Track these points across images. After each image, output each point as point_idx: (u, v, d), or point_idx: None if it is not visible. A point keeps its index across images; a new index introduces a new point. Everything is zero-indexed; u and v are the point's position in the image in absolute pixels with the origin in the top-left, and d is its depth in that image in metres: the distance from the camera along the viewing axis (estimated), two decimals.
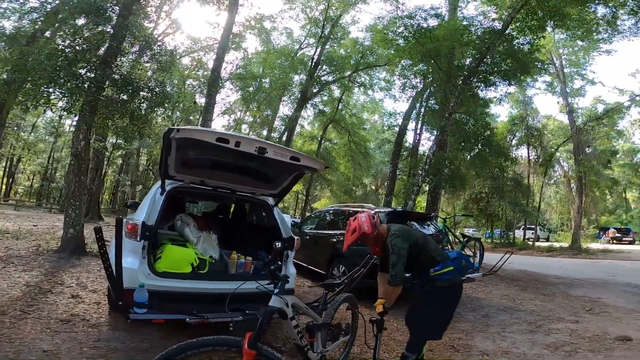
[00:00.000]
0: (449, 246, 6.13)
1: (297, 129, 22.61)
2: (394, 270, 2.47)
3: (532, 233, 24.93)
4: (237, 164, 3.50)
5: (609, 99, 25.06)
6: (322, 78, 20.00)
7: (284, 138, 19.66)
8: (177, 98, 14.00)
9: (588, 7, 9.44)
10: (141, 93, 7.19)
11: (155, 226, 3.02)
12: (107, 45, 6.94)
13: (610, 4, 9.42)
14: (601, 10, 9.96)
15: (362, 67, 18.79)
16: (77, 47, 6.74)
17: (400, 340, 3.49)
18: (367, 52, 18.16)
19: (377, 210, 5.93)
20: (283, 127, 21.33)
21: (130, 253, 2.82)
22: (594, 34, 11.04)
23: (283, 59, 19.31)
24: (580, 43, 17.59)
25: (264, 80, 19.43)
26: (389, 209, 5.91)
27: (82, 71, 6.70)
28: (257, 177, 3.74)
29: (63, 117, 24.29)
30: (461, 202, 23.53)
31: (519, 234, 25.35)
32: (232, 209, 5.82)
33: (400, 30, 11.14)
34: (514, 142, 23.96)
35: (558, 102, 23.52)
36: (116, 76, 6.87)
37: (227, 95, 20.10)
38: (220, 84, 13.60)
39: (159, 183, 3.39)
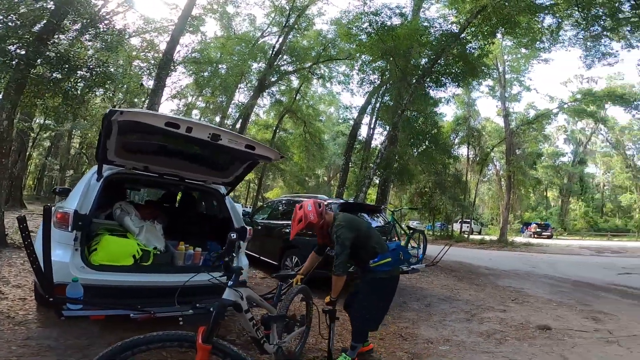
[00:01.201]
0: (397, 237, 6.41)
1: (252, 117, 22.05)
2: (337, 260, 2.53)
3: (467, 226, 27.23)
4: (187, 150, 3.27)
5: (540, 105, 28.13)
6: (282, 67, 19.66)
7: (238, 125, 19.06)
8: (122, 79, 12.90)
9: (537, 17, 10.31)
10: (79, 72, 6.63)
11: (89, 215, 2.74)
12: (45, 21, 6.26)
13: (557, 15, 10.37)
14: (548, 20, 10.97)
15: (323, 59, 18.77)
16: (10, 24, 6.07)
17: None
18: (329, 45, 18.20)
19: (329, 201, 6.00)
20: (237, 115, 20.66)
21: (60, 245, 2.54)
22: (538, 42, 12.13)
23: (243, 45, 18.65)
24: (523, 51, 19.26)
25: (220, 66, 18.66)
26: (342, 201, 6.00)
27: (12, 47, 6.10)
28: (208, 164, 3.54)
29: None
30: (407, 195, 24.87)
31: (456, 227, 27.46)
32: (179, 198, 5.49)
33: (365, 25, 11.31)
34: (456, 141, 25.76)
35: (497, 106, 25.72)
36: (51, 54, 6.29)
37: (179, 79, 19.08)
38: (172, 67, 12.77)
39: (94, 168, 3.08)
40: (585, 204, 40.93)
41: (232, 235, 2.02)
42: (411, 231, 6.98)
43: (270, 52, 18.88)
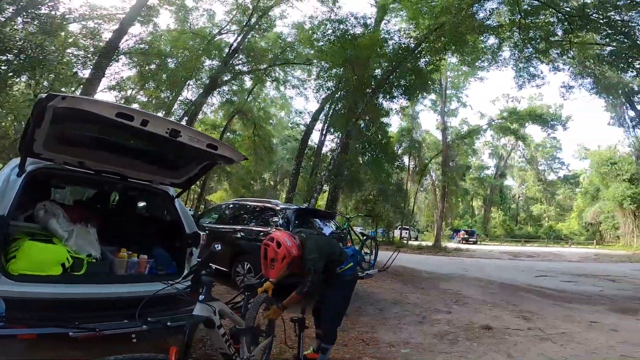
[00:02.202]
0: (351, 243, 6.49)
1: (200, 115, 20.93)
2: (309, 285, 2.57)
3: (407, 233, 28.86)
4: (136, 146, 2.92)
5: (472, 121, 31.18)
6: (237, 67, 19.06)
7: (183, 123, 17.88)
8: (55, 66, 11.42)
9: (483, 36, 11.36)
10: (7, 55, 5.74)
11: (7, 217, 2.29)
12: None
13: (500, 36, 11.53)
14: (491, 40, 12.16)
15: (280, 62, 18.59)
16: None
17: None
18: (288, 48, 18.10)
19: (283, 206, 5.85)
20: (182, 112, 19.45)
21: None
22: (479, 61, 13.38)
23: (198, 41, 17.76)
24: (464, 68, 21.12)
25: (169, 60, 17.54)
26: (296, 206, 5.91)
27: None
28: (158, 163, 3.19)
29: None
30: (353, 202, 25.56)
31: (396, 233, 28.95)
32: (116, 198, 4.89)
33: (328, 32, 11.43)
34: (400, 151, 27.26)
35: (437, 120, 27.98)
36: None
37: (121, 69, 17.37)
38: (115, 57, 11.65)
39: (14, 161, 2.61)
40: (503, 213, 46.19)
41: (215, 246, 1.86)
42: (364, 238, 7.11)
43: (227, 50, 18.24)
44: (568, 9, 10.62)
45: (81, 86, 13.18)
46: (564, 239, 38.44)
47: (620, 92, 19.08)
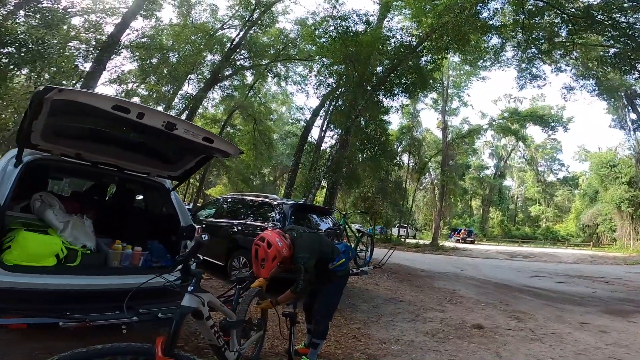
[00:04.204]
0: (347, 240, 6.51)
1: (200, 109, 20.94)
2: (302, 284, 2.61)
3: (404, 231, 28.93)
4: (133, 138, 2.92)
5: (473, 120, 31.24)
6: (239, 62, 19.09)
7: (184, 117, 17.88)
8: (56, 59, 11.41)
9: (486, 36, 11.32)
10: (8, 48, 5.80)
11: (3, 207, 2.31)
12: None
13: (503, 35, 11.49)
14: (494, 40, 12.12)
15: (281, 58, 18.55)
16: None
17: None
18: (290, 44, 18.05)
19: (280, 201, 5.85)
20: (182, 106, 19.45)
21: None
22: (481, 60, 13.32)
23: (200, 35, 17.75)
24: (466, 68, 21.03)
25: (171, 54, 17.48)
26: (293, 202, 5.92)
27: None
28: (155, 155, 3.19)
29: None
30: (352, 199, 25.60)
31: (394, 231, 29.03)
32: (112, 190, 4.91)
33: (330, 29, 11.39)
34: (399, 149, 27.27)
35: (437, 118, 27.94)
36: None
37: (122, 63, 17.43)
38: (117, 51, 11.65)
39: (11, 152, 2.62)
40: (501, 213, 46.29)
41: (203, 236, 1.86)
42: (360, 234, 7.13)
43: (229, 45, 18.22)
44: (573, 10, 10.57)
45: (82, 79, 13.18)
46: (561, 241, 38.60)
47: (622, 94, 19.07)
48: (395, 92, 12.11)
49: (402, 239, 26.33)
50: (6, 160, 2.55)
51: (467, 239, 33.73)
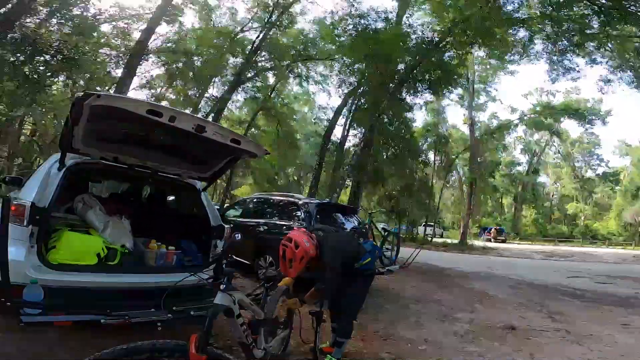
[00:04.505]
0: (373, 239, 6.47)
1: (225, 112, 21.47)
2: (329, 283, 2.62)
3: (431, 230, 28.26)
4: (165, 141, 3.03)
5: (502, 115, 29.87)
6: (260, 64, 19.35)
7: (210, 119, 18.43)
8: (90, 66, 12.10)
9: (512, 29, 10.87)
10: (44, 56, 6.14)
11: (48, 208, 2.45)
12: (15, 2, 5.83)
13: (531, 28, 10.99)
14: (521, 33, 11.60)
15: (302, 58, 18.63)
16: None
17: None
18: (310, 44, 18.09)
19: (306, 201, 5.92)
20: (208, 109, 20.01)
21: (14, 241, 2.21)
22: (509, 54, 12.78)
23: (222, 39, 18.10)
24: (492, 62, 20.25)
25: (195, 58, 18.01)
26: (319, 201, 5.96)
27: None
28: (186, 157, 3.31)
29: None
30: (376, 198, 25.32)
31: (420, 230, 28.41)
32: (147, 192, 5.14)
33: (349, 27, 11.34)
34: (424, 147, 26.64)
35: (464, 114, 26.97)
36: (16, 35, 5.94)
37: (151, 68, 18.20)
38: (145, 56, 12.17)
39: (55, 156, 2.76)
40: (536, 211, 44.11)
41: (236, 235, 1.91)
42: (386, 233, 7.07)
43: (250, 47, 18.49)
44: (604, 1, 9.92)
45: (114, 85, 13.86)
46: (600, 240, 36.29)
47: None
48: (419, 89, 11.89)
49: (429, 238, 25.75)
50: (49, 164, 2.70)
51: (498, 237, 32.47)
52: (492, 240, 31.74)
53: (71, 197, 3.11)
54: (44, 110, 16.24)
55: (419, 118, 25.32)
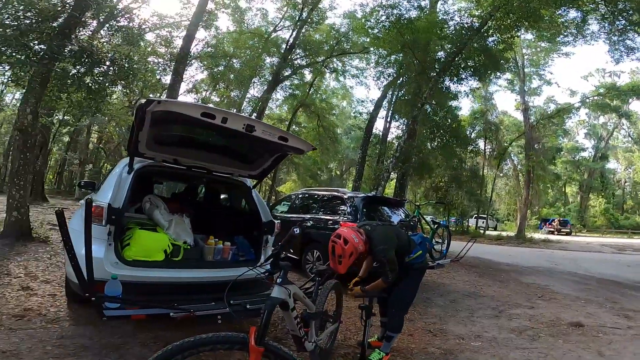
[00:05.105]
0: (422, 231, 6.29)
1: (266, 111, 22.14)
2: (391, 275, 2.63)
3: (483, 222, 26.71)
4: (218, 142, 3.25)
5: (560, 99, 27.39)
6: (296, 61, 19.59)
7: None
8: (144, 74, 13.18)
9: (560, 10, 9.92)
10: (101, 67, 6.76)
11: (122, 209, 2.70)
12: (66, 15, 6.33)
13: (582, 8, 9.96)
14: (572, 13, 10.55)
15: (336, 53, 18.63)
16: (31, 19, 6.16)
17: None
18: (343, 38, 18.03)
19: (351, 195, 5.89)
20: (250, 109, 20.76)
21: (95, 240, 2.43)
22: (561, 36, 11.68)
23: (256, 40, 18.69)
24: (542, 44, 18.60)
25: (234, 60, 18.80)
26: (364, 194, 5.90)
27: (35, 42, 6.20)
28: (237, 157, 3.49)
29: (4, 90, 21.58)
30: (422, 190, 24.50)
31: (471, 222, 26.98)
32: (202, 191, 5.50)
33: (382, 18, 11.08)
34: (473, 135, 25.20)
35: (515, 100, 25.07)
36: (75, 47, 6.34)
37: (195, 73, 19.42)
38: (189, 62, 12.90)
39: (124, 161, 3.05)
40: (605, 200, 39.63)
41: (295, 230, 1.90)
42: (436, 226, 6.85)
43: (284, 46, 18.83)
44: None
45: (165, 91, 14.85)
46: None
47: None
48: (463, 77, 11.25)
49: (481, 231, 24.38)
50: (120, 168, 2.97)
51: (562, 229, 29.74)
52: (555, 232, 29.21)
53: (139, 198, 3.42)
54: (107, 118, 17.96)
55: (466, 106, 24.01)
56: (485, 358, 3.00)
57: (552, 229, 30.15)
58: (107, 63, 6.93)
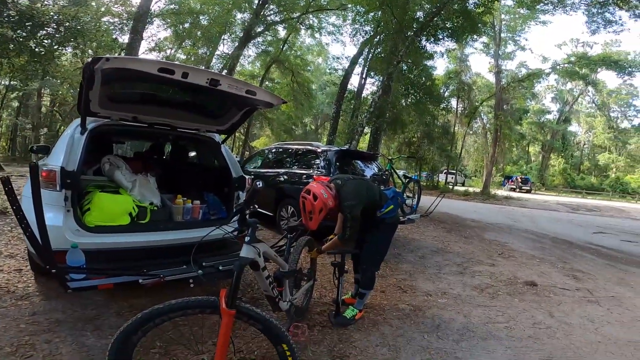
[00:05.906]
0: (394, 186, 6.35)
1: (237, 67, 20.98)
2: (350, 231, 2.58)
3: (452, 177, 27.81)
4: (180, 97, 3.02)
5: (532, 64, 28.04)
6: (269, 18, 18.32)
7: None
8: (94, 34, 11.93)
9: None
10: (45, 30, 6.24)
11: (77, 172, 2.48)
12: None
13: None
14: None
15: (312, 9, 17.58)
16: None
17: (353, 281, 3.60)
18: None
19: (325, 148, 5.74)
20: (220, 66, 19.60)
21: (50, 207, 2.26)
22: (541, 4, 11.51)
23: None
24: (521, 11, 18.41)
25: (202, 17, 17.49)
26: (337, 148, 5.76)
27: None
28: (202, 112, 3.29)
29: None
30: (395, 145, 24.85)
31: (441, 177, 27.94)
32: (169, 149, 5.22)
33: None
34: (446, 94, 25.36)
35: (489, 63, 25.27)
36: (12, 12, 5.86)
37: (157, 31, 17.84)
38: (149, 20, 11.71)
39: (76, 121, 2.79)
40: (564, 160, 42.25)
41: (257, 184, 1.81)
42: (407, 180, 6.93)
43: (256, 1, 17.49)
44: None
45: (123, 51, 13.67)
46: (631, 194, 34.78)
47: None
48: (440, 37, 11.04)
49: (450, 186, 25.42)
50: (72, 129, 2.72)
51: (523, 187, 31.62)
52: (517, 189, 31.02)
53: (97, 159, 3.19)
54: (58, 81, 16.59)
55: (441, 66, 24.03)
56: (450, 315, 3.16)
57: (513, 186, 31.98)
58: (54, 25, 6.29)
